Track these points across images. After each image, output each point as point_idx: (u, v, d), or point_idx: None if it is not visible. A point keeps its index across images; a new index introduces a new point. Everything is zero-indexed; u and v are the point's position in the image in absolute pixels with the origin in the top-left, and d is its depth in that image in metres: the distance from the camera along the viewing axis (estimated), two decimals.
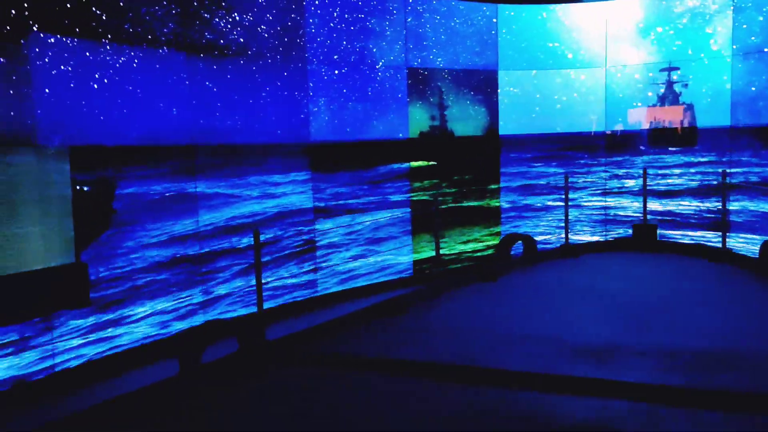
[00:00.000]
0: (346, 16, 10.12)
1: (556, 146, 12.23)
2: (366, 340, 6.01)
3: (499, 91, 11.90)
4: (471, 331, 6.10)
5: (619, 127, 11.72)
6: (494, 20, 11.71)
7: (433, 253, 9.12)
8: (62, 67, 6.64)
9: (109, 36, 7.00)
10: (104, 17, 6.91)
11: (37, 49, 6.41)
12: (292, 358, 5.61)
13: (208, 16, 8.19)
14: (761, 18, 9.62)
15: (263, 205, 9.31)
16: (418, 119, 11.27)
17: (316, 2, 9.67)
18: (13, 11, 6.04)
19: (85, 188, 6.92)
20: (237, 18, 8.54)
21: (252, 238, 6.82)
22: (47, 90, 6.51)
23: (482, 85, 11.86)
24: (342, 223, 10.28)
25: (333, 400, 4.73)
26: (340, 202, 10.32)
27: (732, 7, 9.94)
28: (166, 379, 5.18)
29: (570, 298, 7.06)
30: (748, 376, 4.76)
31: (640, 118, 11.56)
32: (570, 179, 10.61)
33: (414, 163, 11.12)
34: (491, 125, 12.03)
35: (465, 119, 11.77)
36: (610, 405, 4.43)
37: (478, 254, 11.49)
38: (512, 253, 9.91)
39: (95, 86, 7.00)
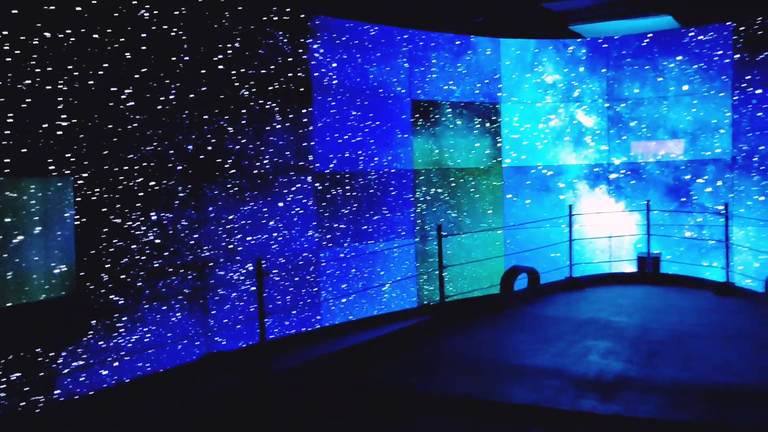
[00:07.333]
0: (353, 48, 10.26)
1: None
2: (372, 372, 5.94)
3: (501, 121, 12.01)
4: (479, 363, 6.03)
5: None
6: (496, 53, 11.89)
7: (437, 284, 9.07)
8: None
9: None
10: None
11: None
12: (297, 390, 5.53)
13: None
14: None
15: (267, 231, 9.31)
16: (422, 150, 11.34)
17: (323, 36, 9.83)
18: None
19: None
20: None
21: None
22: None
23: (485, 116, 11.97)
24: (346, 252, 10.27)
25: None
26: (343, 232, 10.32)
27: None
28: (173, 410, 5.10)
29: (576, 331, 7.00)
30: (760, 411, 4.68)
31: None
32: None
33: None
34: (495, 156, 12.11)
35: (467, 150, 11.85)
36: None
37: (484, 287, 11.45)
38: (516, 285, 9.86)
39: None
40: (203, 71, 8.38)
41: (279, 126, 9.30)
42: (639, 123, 11.95)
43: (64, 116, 7.01)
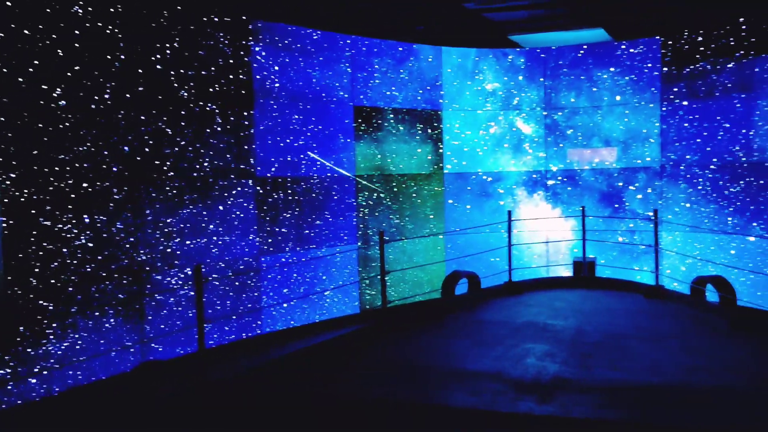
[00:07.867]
0: (296, 53, 10.20)
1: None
2: (314, 379, 5.89)
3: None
4: (420, 368, 6.07)
5: None
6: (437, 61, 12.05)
7: (380, 289, 9.10)
8: None
9: None
10: None
11: None
12: (237, 400, 5.42)
13: None
14: None
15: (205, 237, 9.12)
16: (364, 155, 11.37)
17: (266, 40, 9.73)
18: None
19: None
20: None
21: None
22: None
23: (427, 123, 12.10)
24: (287, 257, 10.17)
25: None
26: (284, 237, 10.23)
27: None
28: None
29: (514, 335, 7.15)
30: (691, 411, 4.89)
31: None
32: None
33: None
34: (437, 162, 12.26)
35: (410, 156, 11.95)
36: None
37: (426, 291, 11.56)
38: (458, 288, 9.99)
39: None
40: (140, 71, 8.15)
41: (219, 129, 9.14)
42: (575, 131, 12.35)
43: None
